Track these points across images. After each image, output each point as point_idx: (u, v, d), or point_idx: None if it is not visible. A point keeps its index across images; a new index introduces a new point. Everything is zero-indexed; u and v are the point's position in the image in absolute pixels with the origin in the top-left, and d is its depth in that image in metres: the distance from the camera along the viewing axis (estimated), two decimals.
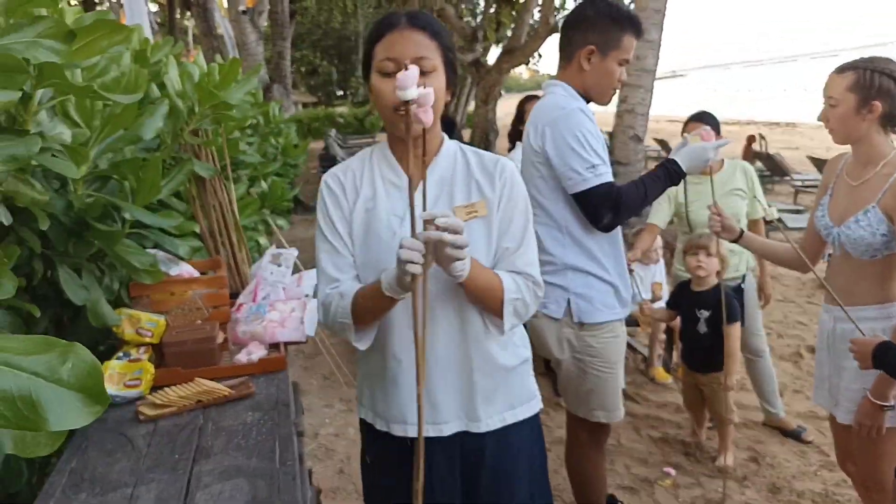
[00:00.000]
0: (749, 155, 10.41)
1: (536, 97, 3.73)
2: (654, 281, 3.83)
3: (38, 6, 1.10)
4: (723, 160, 3.03)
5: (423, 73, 1.19)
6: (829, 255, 2.06)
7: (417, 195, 1.21)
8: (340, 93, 38.67)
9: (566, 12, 14.04)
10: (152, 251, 1.89)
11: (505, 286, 1.30)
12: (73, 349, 0.63)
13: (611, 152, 7.02)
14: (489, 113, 14.93)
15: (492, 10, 17.60)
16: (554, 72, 2.12)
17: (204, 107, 1.99)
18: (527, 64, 19.52)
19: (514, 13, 16.23)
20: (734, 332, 2.68)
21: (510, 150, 4.00)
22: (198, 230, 2.03)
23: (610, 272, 1.98)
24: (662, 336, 3.82)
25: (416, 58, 1.22)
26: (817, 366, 2.02)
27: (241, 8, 7.95)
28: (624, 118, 6.31)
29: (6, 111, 1.12)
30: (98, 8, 19.43)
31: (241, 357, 1.75)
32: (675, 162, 1.97)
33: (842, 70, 1.83)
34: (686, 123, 3.04)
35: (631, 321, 3.84)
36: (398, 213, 1.32)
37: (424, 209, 1.19)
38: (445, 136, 1.39)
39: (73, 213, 1.53)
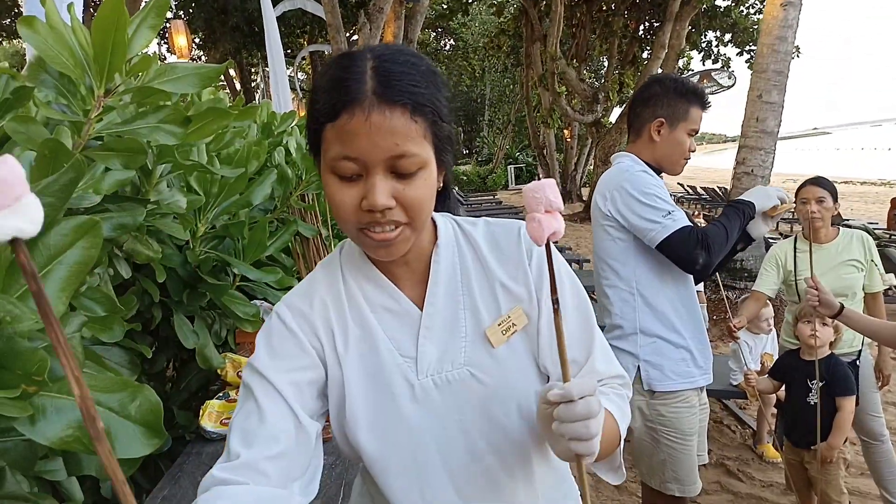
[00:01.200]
0: (893, 219, 9.56)
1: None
2: (765, 352, 3.63)
3: (163, 99, 1.34)
4: (839, 228, 2.88)
5: (402, 177, 0.79)
6: None
7: (428, 325, 0.90)
8: (466, 151, 40.00)
9: (690, 73, 13.89)
10: (257, 302, 2.11)
11: (617, 420, 0.92)
12: (142, 390, 0.78)
13: None
14: None
15: (616, 72, 17.74)
16: None
17: (310, 174, 2.22)
18: None
19: (637, 73, 16.24)
20: (848, 405, 2.49)
21: None
22: (294, 285, 2.24)
23: (684, 336, 1.95)
24: (773, 410, 3.58)
25: (392, 157, 0.77)
26: None
27: None
28: (742, 180, 6.11)
29: (132, 183, 1.36)
30: (253, 83, 21.60)
31: None
32: (744, 200, 1.99)
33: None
34: (799, 189, 2.93)
35: (738, 392, 3.65)
36: (408, 352, 0.90)
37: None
38: (436, 218, 0.96)
39: (189, 268, 1.76)
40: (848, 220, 10.73)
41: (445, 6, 20.09)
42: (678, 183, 24.66)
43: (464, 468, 0.90)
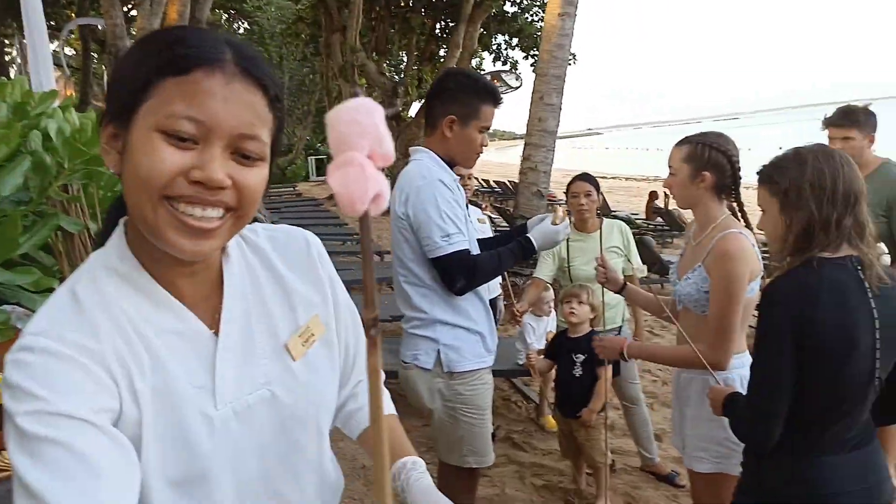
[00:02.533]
0: (650, 210, 11.02)
1: None
2: (549, 331, 3.99)
3: None
4: (602, 219, 3.25)
5: (244, 160, 0.72)
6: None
7: (226, 346, 0.80)
8: None
9: (485, 72, 14.72)
10: (9, 307, 1.84)
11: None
12: None
13: (515, 207, 7.33)
14: None
15: (414, 67, 18.18)
16: None
17: (73, 162, 1.98)
18: None
19: (435, 70, 16.83)
20: (604, 372, 2.82)
21: None
22: (55, 286, 2.00)
23: (477, 322, 2.09)
24: (552, 385, 3.95)
25: (243, 134, 0.70)
26: (673, 412, 2.18)
27: None
28: (528, 175, 6.61)
29: None
30: (6, 57, 18.74)
31: None
32: (529, 240, 2.13)
33: (680, 143, 2.03)
34: (570, 184, 3.25)
35: (524, 370, 3.97)
36: (202, 382, 0.77)
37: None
38: None
39: None
40: (615, 211, 12.15)
41: None
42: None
43: (255, 496, 0.82)
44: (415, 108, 16.58)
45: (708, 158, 1.95)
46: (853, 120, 2.71)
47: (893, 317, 1.40)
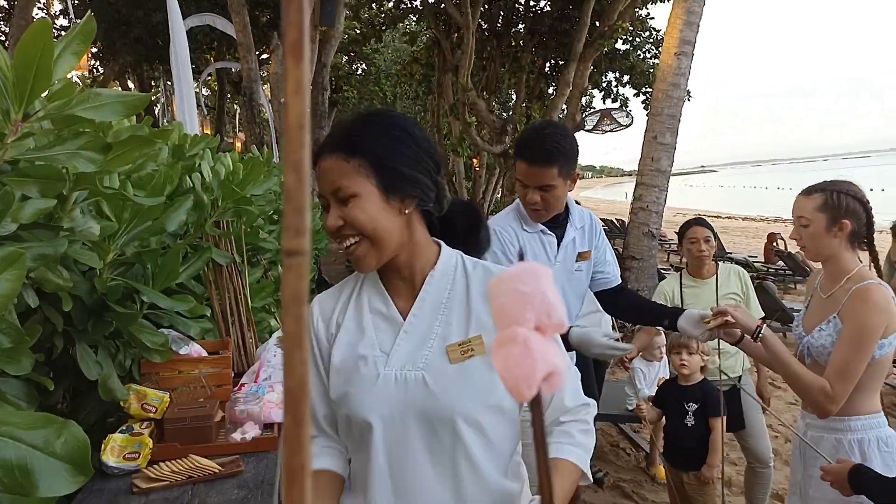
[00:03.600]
0: (770, 253, 10.43)
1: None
2: (660, 376, 3.87)
3: (83, 125, 1.31)
4: (717, 263, 3.14)
5: (343, 203, 1.08)
6: None
7: (407, 330, 1.13)
8: None
9: (594, 110, 14.64)
10: (166, 331, 2.05)
11: (576, 461, 1.15)
12: (68, 426, 0.77)
13: (624, 247, 7.18)
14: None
15: (523, 105, 18.39)
16: (582, 162, 2.36)
17: (226, 201, 2.20)
18: None
19: (543, 107, 16.92)
20: (718, 424, 2.71)
21: None
22: (209, 313, 2.20)
23: None
24: (663, 434, 3.81)
25: (332, 190, 1.08)
26: (792, 471, 2.05)
27: (282, 99, 8.49)
28: (638, 215, 6.49)
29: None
30: (153, 97, 20.73)
31: (237, 435, 1.86)
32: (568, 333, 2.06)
33: (809, 192, 1.96)
34: (685, 229, 3.17)
35: (633, 416, 3.86)
36: (385, 348, 1.14)
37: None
38: (442, 246, 1.21)
39: (96, 295, 1.70)
40: (730, 253, 11.59)
41: (359, 31, 20.20)
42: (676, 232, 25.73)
43: (399, 458, 1.09)
44: None
45: (845, 207, 1.88)
46: None
47: None
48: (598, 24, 13.26)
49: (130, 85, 19.71)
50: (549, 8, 17.48)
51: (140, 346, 1.82)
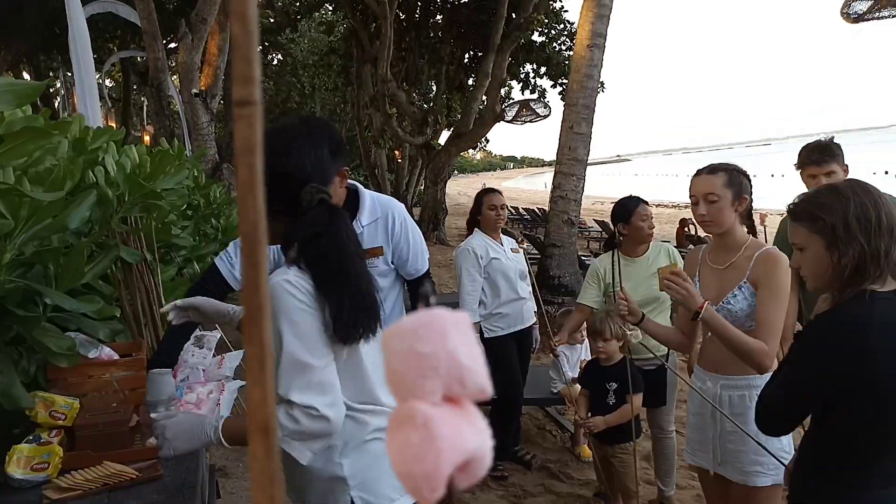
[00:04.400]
0: (682, 237, 10.94)
1: (494, 190, 3.92)
2: (581, 358, 3.99)
3: None
4: (649, 243, 3.22)
5: None
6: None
7: None
8: None
9: (511, 101, 14.85)
10: (73, 334, 1.94)
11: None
12: None
13: (545, 235, 7.35)
14: (438, 193, 15.39)
15: (444, 96, 18.46)
16: (504, 153, 2.37)
17: (133, 196, 2.10)
18: (474, 148, 20.27)
19: (464, 98, 17.04)
20: (635, 400, 2.84)
21: (467, 235, 4.03)
22: (119, 314, 2.10)
23: None
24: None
25: None
26: (698, 429, 2.18)
27: (194, 91, 8.16)
28: (558, 203, 6.64)
29: None
30: (51, 88, 19.47)
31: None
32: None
33: (714, 171, 2.09)
34: (633, 207, 3.21)
35: (558, 399, 3.98)
36: None
37: None
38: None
39: None
40: None
41: (272, 21, 19.65)
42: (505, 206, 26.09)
43: None
44: (444, 136, 16.77)
45: (742, 184, 2.06)
46: (832, 154, 2.69)
47: None
48: (514, 16, 13.46)
49: (26, 76, 18.44)
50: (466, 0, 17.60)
51: (45, 351, 1.72)
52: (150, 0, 8.53)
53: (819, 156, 2.77)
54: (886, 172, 27.86)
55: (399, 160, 19.92)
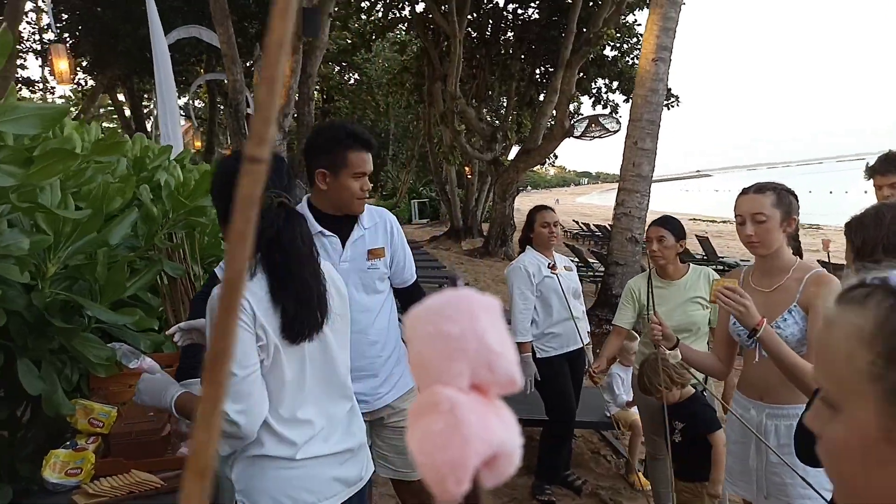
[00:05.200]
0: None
1: (546, 207, 3.86)
2: None
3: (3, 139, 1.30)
4: (689, 264, 3.09)
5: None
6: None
7: None
8: (370, 185, 39.97)
9: (582, 116, 14.66)
10: (117, 345, 2.02)
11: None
12: None
13: (609, 253, 7.17)
14: (507, 209, 15.32)
15: (514, 112, 18.44)
16: (578, 168, 2.32)
17: (177, 213, 2.18)
18: (542, 164, 20.12)
19: (534, 114, 16.95)
20: (718, 439, 2.63)
21: (520, 252, 3.98)
22: (156, 326, 2.18)
23: None
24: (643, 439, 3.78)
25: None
26: (740, 458, 2.05)
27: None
28: (621, 220, 6.48)
29: None
30: (145, 110, 20.70)
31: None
32: None
33: (761, 190, 1.98)
34: (648, 228, 3.14)
35: (612, 424, 3.84)
36: None
37: None
38: None
39: (35, 310, 1.68)
40: (723, 257, 11.57)
41: (349, 41, 20.25)
42: (573, 220, 25.76)
43: None
44: (514, 152, 16.73)
45: (791, 204, 1.95)
46: None
47: None
48: (584, 30, 13.31)
49: (121, 97, 19.73)
50: (537, 16, 17.56)
51: (85, 360, 1.80)
52: (230, 24, 8.96)
53: (885, 165, 2.62)
54: None
55: (469, 176, 19.98)
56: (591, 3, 14.10)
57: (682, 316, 2.84)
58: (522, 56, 17.86)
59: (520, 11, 17.83)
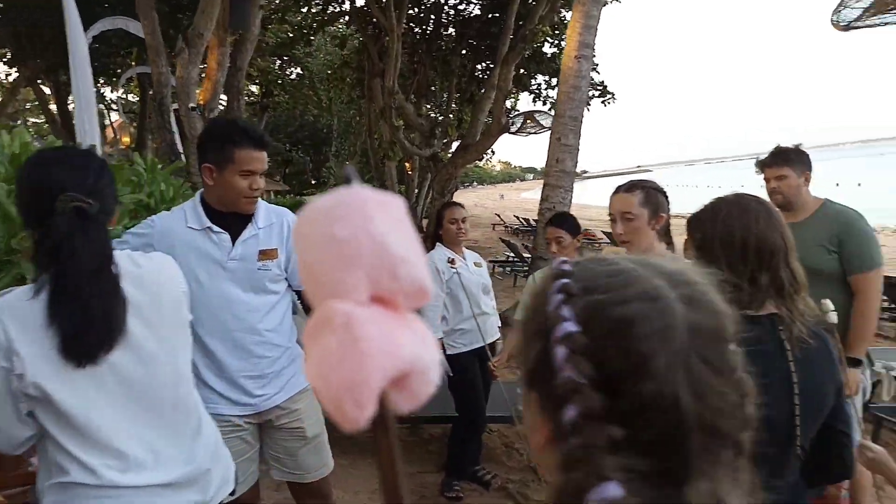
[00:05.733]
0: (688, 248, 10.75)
1: (455, 203, 3.88)
2: None
3: None
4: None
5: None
6: None
7: None
8: (314, 182, 39.44)
9: (518, 112, 14.79)
10: None
11: None
12: None
13: (535, 247, 7.26)
14: None
15: (455, 108, 18.46)
16: (524, 164, 2.32)
17: None
18: (480, 160, 20.24)
19: (474, 110, 17.01)
20: None
21: (429, 249, 3.98)
22: None
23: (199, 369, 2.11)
24: None
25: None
26: None
27: (191, 105, 8.25)
28: (545, 216, 6.55)
29: None
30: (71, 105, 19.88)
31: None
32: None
33: (630, 189, 2.02)
34: (546, 227, 3.20)
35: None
36: None
37: None
38: None
39: None
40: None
41: (290, 35, 19.87)
42: (514, 216, 26.01)
43: None
44: (454, 147, 16.75)
45: (658, 202, 2.01)
46: (785, 158, 2.69)
47: (814, 381, 1.31)
48: (521, 27, 13.41)
49: (46, 90, 18.87)
50: (478, 12, 17.61)
51: None
52: (154, 16, 8.67)
53: (772, 159, 2.73)
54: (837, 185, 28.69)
55: (409, 172, 19.94)
56: (529, 1, 14.23)
57: None
58: (464, 52, 17.88)
59: (461, 7, 17.85)
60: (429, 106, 20.16)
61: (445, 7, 17.65)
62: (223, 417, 2.11)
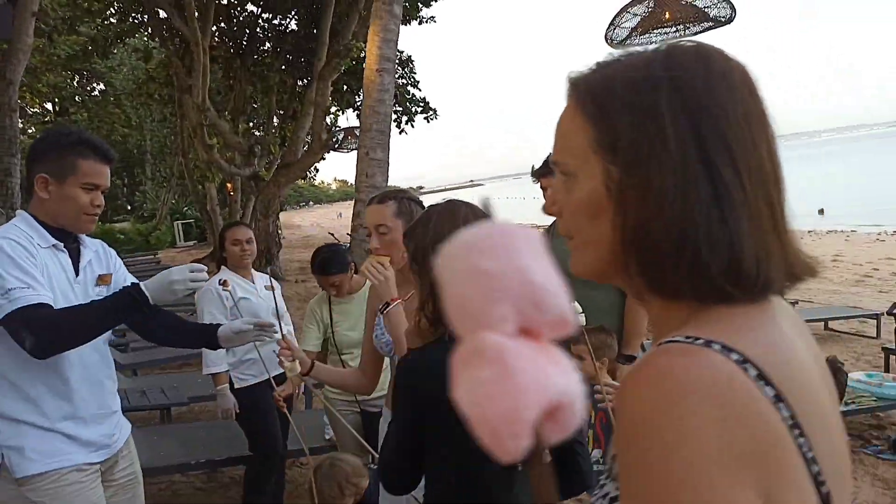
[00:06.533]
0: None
1: (238, 223, 3.62)
2: None
3: None
4: (366, 280, 3.03)
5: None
6: None
7: None
8: (129, 207, 36.26)
9: (339, 129, 14.63)
10: None
11: None
12: None
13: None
14: (270, 226, 14.67)
15: (277, 126, 17.85)
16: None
17: None
18: (304, 178, 19.82)
19: (295, 127, 16.53)
20: None
21: (215, 274, 3.67)
22: None
23: (50, 417, 1.80)
24: None
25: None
26: None
27: None
28: (359, 232, 6.42)
29: None
30: None
31: None
32: (139, 287, 1.86)
33: (382, 200, 1.90)
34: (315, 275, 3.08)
35: (332, 445, 3.65)
36: None
37: None
38: None
39: None
40: None
41: (86, 47, 18.03)
42: (347, 234, 25.75)
43: None
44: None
45: (413, 213, 1.90)
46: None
47: None
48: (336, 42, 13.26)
49: None
50: (294, 26, 17.22)
51: None
52: None
53: (546, 168, 2.76)
54: None
55: (231, 193, 18.93)
56: (344, 16, 14.11)
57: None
58: (283, 67, 17.36)
59: (276, 22, 17.33)
60: (251, 124, 19.30)
61: (260, 21, 17.05)
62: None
